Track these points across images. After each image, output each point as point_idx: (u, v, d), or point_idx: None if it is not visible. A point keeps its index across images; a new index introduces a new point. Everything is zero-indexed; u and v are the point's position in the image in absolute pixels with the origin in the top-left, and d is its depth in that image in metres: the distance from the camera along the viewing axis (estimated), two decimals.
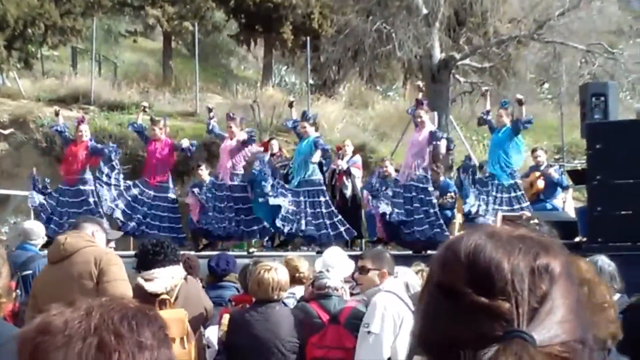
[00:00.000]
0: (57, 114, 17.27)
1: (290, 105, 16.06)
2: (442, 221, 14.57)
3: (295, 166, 15.24)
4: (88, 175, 16.11)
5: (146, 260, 6.92)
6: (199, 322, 7.09)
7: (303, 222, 14.72)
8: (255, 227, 15.30)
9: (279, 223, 14.71)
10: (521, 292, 1.44)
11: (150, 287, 6.72)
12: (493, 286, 1.45)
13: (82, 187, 16.05)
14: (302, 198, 14.82)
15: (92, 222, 6.97)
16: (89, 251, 6.29)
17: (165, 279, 6.80)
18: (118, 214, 15.72)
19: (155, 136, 16.17)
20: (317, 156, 14.91)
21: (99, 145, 16.38)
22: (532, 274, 1.46)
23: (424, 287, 1.59)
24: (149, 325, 1.59)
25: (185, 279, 7.02)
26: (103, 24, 34.99)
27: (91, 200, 16.02)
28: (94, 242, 6.46)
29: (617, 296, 6.49)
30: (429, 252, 13.96)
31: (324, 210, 14.81)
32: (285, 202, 14.65)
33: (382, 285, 6.77)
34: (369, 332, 6.53)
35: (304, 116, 15.33)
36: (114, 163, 16.05)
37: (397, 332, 6.49)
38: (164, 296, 6.70)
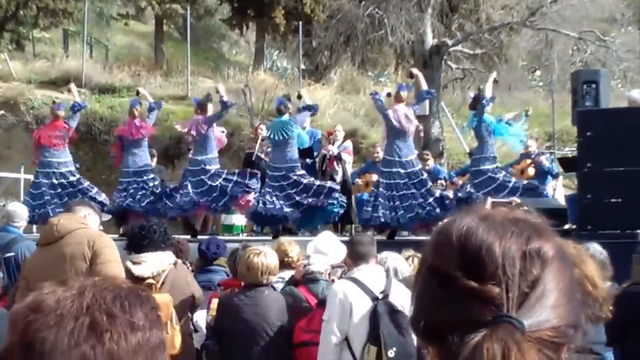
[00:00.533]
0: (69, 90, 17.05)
1: (299, 97, 15.85)
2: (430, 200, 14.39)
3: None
4: (54, 159, 15.81)
5: (136, 242, 6.96)
6: (185, 309, 7.09)
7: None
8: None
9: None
10: (512, 277, 1.43)
11: (137, 270, 6.76)
12: (483, 270, 1.44)
13: (49, 170, 15.81)
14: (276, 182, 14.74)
15: (85, 205, 6.98)
16: (82, 233, 6.30)
17: (152, 263, 6.82)
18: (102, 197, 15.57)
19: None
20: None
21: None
22: (524, 258, 1.45)
23: (418, 270, 1.58)
24: (142, 306, 1.59)
25: (175, 264, 7.03)
26: (95, 6, 34.84)
27: (56, 181, 15.76)
28: (86, 224, 6.47)
29: (607, 284, 6.52)
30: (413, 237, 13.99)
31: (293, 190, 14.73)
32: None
33: (350, 272, 6.85)
34: (322, 320, 6.62)
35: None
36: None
37: (349, 319, 6.52)
38: (150, 281, 6.73)
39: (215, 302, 7.22)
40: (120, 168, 15.68)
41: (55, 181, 15.64)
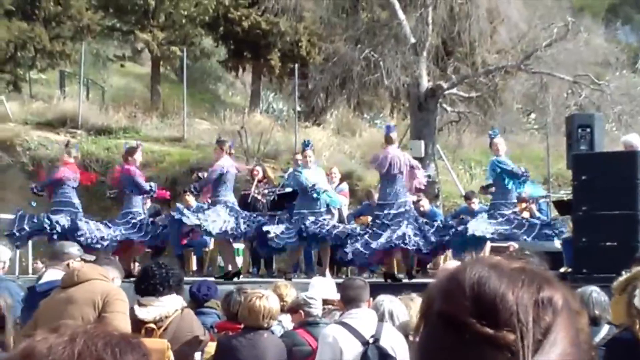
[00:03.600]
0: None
1: None
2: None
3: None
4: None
5: (145, 284, 6.88)
6: (187, 355, 6.98)
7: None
8: None
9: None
10: (526, 324, 1.43)
11: (140, 313, 6.73)
12: (498, 317, 1.43)
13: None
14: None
15: (114, 268, 7.03)
16: (99, 284, 6.41)
17: (158, 307, 6.76)
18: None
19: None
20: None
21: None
22: (537, 306, 1.45)
23: (421, 316, 1.56)
24: (132, 352, 1.58)
25: (182, 310, 6.95)
26: (91, 48, 35.00)
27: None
28: (107, 278, 6.53)
29: (607, 327, 6.51)
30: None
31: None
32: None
33: (342, 316, 6.86)
34: None
35: (308, 145, 15.34)
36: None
37: None
38: (151, 325, 6.69)
39: (210, 345, 7.19)
40: None
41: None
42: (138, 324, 6.46)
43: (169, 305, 6.80)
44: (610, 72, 30.49)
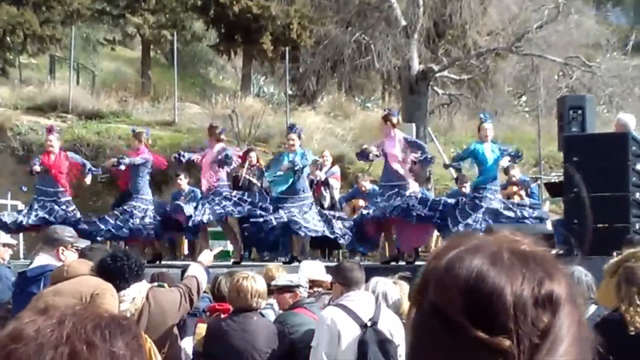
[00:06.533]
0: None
1: None
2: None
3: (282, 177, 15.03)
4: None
5: (109, 277, 6.50)
6: (165, 339, 6.80)
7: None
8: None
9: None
10: (523, 327, 1.39)
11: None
12: (494, 319, 1.39)
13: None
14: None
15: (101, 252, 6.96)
16: (89, 279, 6.38)
17: (126, 302, 6.53)
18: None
19: (134, 148, 16.01)
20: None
21: (78, 157, 16.01)
22: (535, 305, 1.40)
23: (414, 302, 1.51)
24: (122, 334, 1.57)
25: (147, 297, 6.63)
26: (81, 32, 34.85)
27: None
28: (95, 275, 6.46)
29: (593, 307, 6.51)
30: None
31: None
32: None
33: (338, 298, 6.87)
34: (311, 346, 6.65)
35: (292, 129, 15.27)
36: None
37: (337, 346, 6.53)
38: None
39: (201, 327, 7.18)
40: None
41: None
42: None
43: (137, 295, 6.53)
44: (601, 54, 30.55)
